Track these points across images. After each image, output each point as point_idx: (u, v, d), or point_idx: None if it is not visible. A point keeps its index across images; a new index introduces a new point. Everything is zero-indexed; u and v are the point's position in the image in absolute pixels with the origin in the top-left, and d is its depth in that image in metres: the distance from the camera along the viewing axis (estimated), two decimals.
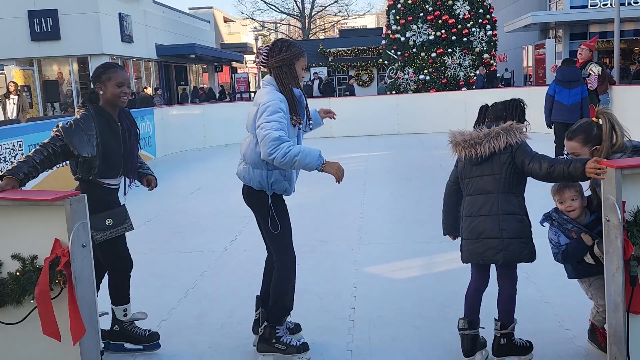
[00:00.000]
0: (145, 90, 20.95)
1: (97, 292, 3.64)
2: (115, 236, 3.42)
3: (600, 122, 2.91)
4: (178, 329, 3.88)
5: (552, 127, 8.66)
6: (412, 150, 12.21)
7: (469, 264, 3.30)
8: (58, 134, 3.23)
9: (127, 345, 3.66)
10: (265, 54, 3.33)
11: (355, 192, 8.15)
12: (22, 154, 7.74)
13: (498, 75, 20.07)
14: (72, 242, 2.47)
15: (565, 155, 8.42)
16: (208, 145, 15.09)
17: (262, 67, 3.50)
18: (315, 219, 6.83)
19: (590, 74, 9.16)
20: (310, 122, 3.59)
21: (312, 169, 3.13)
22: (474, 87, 17.79)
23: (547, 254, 3.45)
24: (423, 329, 3.77)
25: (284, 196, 3.42)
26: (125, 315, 3.60)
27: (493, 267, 3.26)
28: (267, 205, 3.31)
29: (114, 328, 3.64)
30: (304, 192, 8.50)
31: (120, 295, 3.58)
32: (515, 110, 3.19)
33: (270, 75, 3.35)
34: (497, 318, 3.25)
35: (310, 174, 3.73)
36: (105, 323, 3.51)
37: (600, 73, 9.24)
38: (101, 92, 3.37)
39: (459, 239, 3.36)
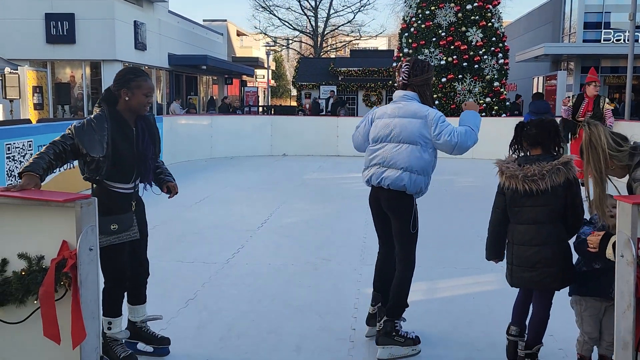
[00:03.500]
0: (224, 100, 21.99)
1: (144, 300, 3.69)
2: (118, 243, 3.36)
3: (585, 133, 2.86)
4: (176, 339, 3.83)
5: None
6: None
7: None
8: (69, 132, 3.22)
9: (139, 346, 3.64)
10: (407, 73, 3.72)
11: (360, 212, 8.12)
12: (31, 154, 7.75)
13: (507, 104, 20.06)
14: (80, 245, 2.45)
15: None
16: (214, 156, 15.11)
17: (400, 84, 3.80)
18: (319, 237, 6.81)
19: (607, 110, 9.27)
20: None
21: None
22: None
23: None
24: (423, 355, 3.73)
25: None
26: (109, 328, 3.46)
27: None
28: (412, 207, 3.70)
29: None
30: (308, 210, 8.50)
31: (108, 305, 3.44)
32: (549, 134, 3.28)
33: (406, 90, 3.75)
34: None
35: (316, 193, 3.77)
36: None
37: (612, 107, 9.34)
38: (127, 99, 3.32)
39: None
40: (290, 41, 53.02)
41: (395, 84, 3.87)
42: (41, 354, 2.63)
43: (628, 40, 16.03)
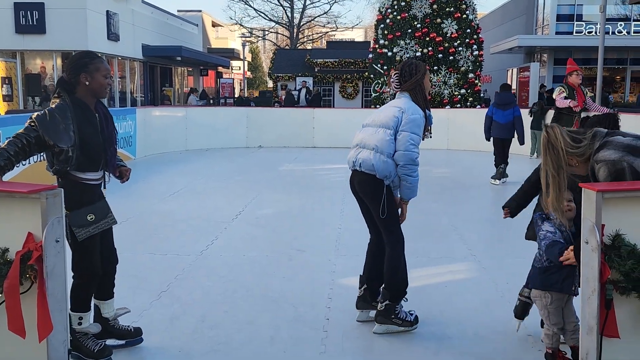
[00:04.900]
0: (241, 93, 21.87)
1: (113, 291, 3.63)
2: (98, 232, 3.31)
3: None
4: (149, 332, 3.80)
5: (492, 141, 10.14)
6: None
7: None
8: (32, 124, 3.11)
9: (109, 342, 3.57)
10: (397, 81, 3.88)
11: (335, 203, 8.14)
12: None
13: (481, 95, 20.22)
14: (45, 237, 2.41)
15: (503, 166, 9.83)
16: (189, 148, 14.98)
17: (397, 91, 3.94)
18: (294, 228, 6.80)
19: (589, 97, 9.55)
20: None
21: (406, 197, 3.85)
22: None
23: (522, 275, 3.47)
24: (395, 343, 3.76)
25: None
26: (80, 324, 3.38)
27: None
28: (382, 193, 3.76)
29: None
30: (283, 201, 8.48)
31: (80, 301, 3.37)
32: (608, 123, 3.46)
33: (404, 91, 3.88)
34: None
35: (291, 184, 3.79)
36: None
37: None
38: (87, 83, 3.26)
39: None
40: (266, 32, 52.70)
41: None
42: (7, 348, 2.59)
43: (599, 33, 16.25)
